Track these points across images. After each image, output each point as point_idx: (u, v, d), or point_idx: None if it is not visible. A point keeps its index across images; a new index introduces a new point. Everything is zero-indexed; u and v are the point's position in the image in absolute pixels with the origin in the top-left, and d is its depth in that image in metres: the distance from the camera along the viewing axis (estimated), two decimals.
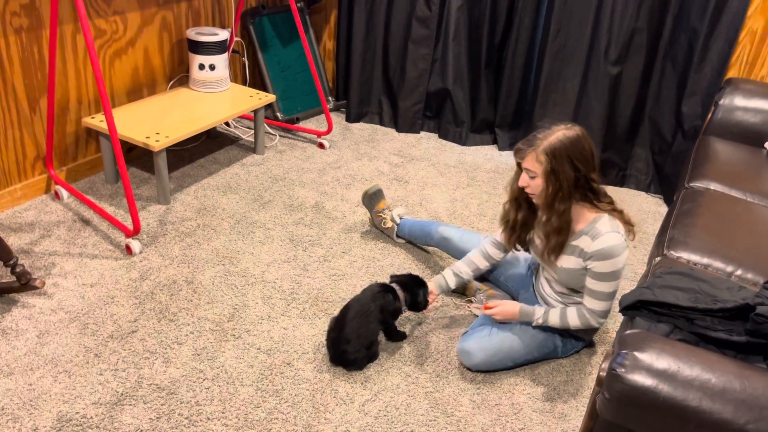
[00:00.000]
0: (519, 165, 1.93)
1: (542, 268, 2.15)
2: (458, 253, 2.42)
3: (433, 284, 2.22)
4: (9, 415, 1.80)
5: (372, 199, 2.72)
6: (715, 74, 2.99)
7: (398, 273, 2.19)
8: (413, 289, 2.12)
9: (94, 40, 2.82)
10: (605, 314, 1.97)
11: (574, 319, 2.00)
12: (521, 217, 2.05)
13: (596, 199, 1.89)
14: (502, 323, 2.10)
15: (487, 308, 2.09)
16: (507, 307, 2.07)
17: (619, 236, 1.87)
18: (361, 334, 2.00)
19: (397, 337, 2.19)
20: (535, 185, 1.88)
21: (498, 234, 2.18)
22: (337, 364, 2.06)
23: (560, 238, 1.92)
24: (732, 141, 2.73)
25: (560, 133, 1.84)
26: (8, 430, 1.75)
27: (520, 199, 2.03)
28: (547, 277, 2.11)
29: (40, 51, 2.61)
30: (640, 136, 3.34)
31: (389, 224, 2.68)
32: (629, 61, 3.17)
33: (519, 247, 2.14)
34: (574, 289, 2.04)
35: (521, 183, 1.92)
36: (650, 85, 3.21)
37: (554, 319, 2.03)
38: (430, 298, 2.19)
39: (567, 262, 1.96)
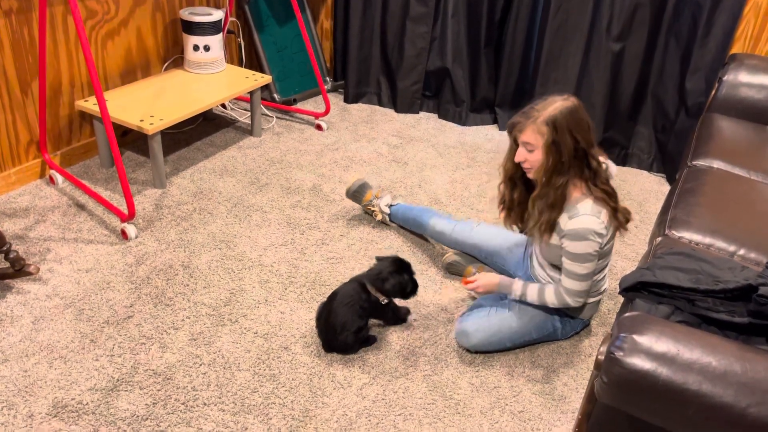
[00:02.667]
0: (515, 141, 1.89)
1: (533, 251, 2.11)
2: (453, 245, 2.41)
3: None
4: (4, 402, 1.79)
5: (356, 194, 2.67)
6: (719, 49, 2.92)
7: (382, 256, 2.11)
8: (386, 281, 2.00)
9: (85, 21, 2.77)
10: (582, 294, 1.94)
11: (551, 297, 1.98)
12: (517, 196, 2.02)
13: (592, 180, 1.85)
14: (500, 299, 2.09)
15: (466, 282, 2.08)
16: (487, 279, 2.06)
17: (595, 221, 1.83)
18: (347, 321, 1.97)
19: (395, 321, 2.17)
20: (533, 159, 1.84)
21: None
22: (329, 351, 2.04)
23: (553, 213, 1.87)
24: (736, 118, 2.68)
25: (558, 103, 1.80)
26: (3, 417, 1.74)
27: (515, 177, 1.99)
28: (537, 256, 2.08)
29: (31, 33, 2.57)
30: (642, 114, 3.29)
31: (380, 216, 2.65)
32: (632, 37, 3.10)
33: (519, 226, 2.10)
34: (557, 266, 2.00)
35: (518, 158, 1.88)
36: (653, 61, 3.14)
37: (532, 294, 2.01)
38: None
39: (551, 237, 1.93)
